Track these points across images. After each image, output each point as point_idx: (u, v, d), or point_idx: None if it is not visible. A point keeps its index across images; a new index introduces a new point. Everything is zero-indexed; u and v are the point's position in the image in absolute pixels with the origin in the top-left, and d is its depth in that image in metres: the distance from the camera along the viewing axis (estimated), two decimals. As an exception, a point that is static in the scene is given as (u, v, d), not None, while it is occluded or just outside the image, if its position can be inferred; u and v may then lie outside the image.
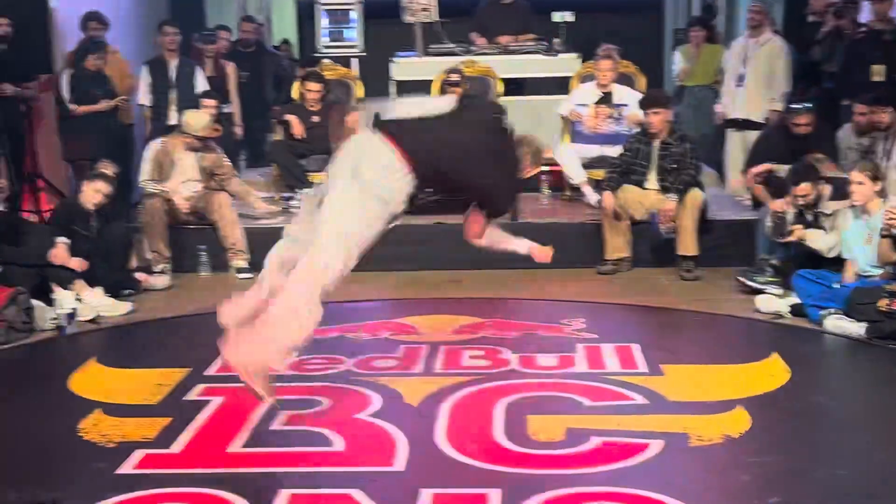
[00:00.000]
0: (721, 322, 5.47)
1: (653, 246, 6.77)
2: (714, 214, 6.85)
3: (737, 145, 8.26)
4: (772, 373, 4.49)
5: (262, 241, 6.87)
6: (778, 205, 5.95)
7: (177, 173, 6.86)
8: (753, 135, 8.10)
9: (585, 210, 7.35)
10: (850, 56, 8.18)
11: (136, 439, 3.81)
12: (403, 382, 4.41)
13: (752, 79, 8.05)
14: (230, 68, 8.88)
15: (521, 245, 4.60)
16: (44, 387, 4.55)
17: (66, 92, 7.70)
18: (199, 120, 6.97)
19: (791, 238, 5.74)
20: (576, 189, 7.67)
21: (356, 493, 3.29)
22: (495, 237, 4.44)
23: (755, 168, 6.42)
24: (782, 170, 6.01)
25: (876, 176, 5.44)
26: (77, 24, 8.19)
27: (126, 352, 5.17)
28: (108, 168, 6.32)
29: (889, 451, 3.63)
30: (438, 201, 3.96)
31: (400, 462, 3.55)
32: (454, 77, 7.81)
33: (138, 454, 3.65)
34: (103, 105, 7.79)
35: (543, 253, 4.62)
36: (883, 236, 5.14)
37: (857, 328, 5.05)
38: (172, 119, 7.95)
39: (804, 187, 5.78)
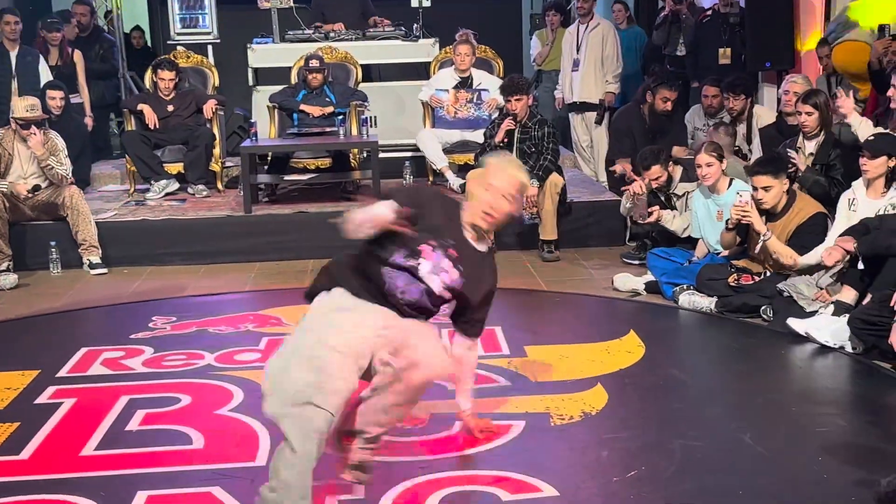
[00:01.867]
0: (581, 302, 5.58)
1: (515, 230, 6.86)
2: (572, 196, 6.97)
3: (579, 127, 8.51)
4: (628, 349, 4.61)
5: (113, 236, 6.70)
6: (636, 187, 6.09)
7: (15, 167, 6.54)
8: (591, 115, 8.37)
9: (449, 195, 7.35)
10: (698, 39, 8.48)
11: (-18, 447, 3.64)
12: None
13: (586, 63, 8.29)
14: (77, 56, 8.52)
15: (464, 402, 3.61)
16: None
17: None
18: (21, 103, 6.65)
19: (651, 219, 5.90)
20: (439, 174, 7.69)
21: (216, 491, 3.22)
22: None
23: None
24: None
25: (721, 156, 5.63)
26: None
27: (-31, 356, 4.91)
28: None
29: (740, 420, 3.77)
30: None
31: (262, 456, 3.48)
32: (314, 63, 7.71)
33: (-17, 463, 3.49)
34: None
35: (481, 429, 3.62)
36: (729, 229, 5.32)
37: (709, 303, 5.23)
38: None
39: (655, 170, 5.94)
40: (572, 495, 3.17)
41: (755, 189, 5.15)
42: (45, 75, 7.93)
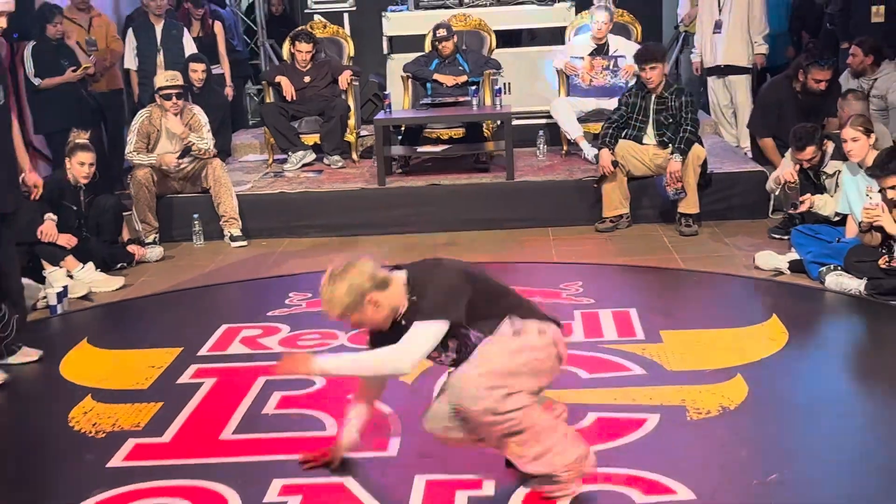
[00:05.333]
0: (720, 282, 5.38)
1: (655, 203, 6.68)
2: (712, 167, 6.72)
3: (720, 92, 8.14)
4: (771, 336, 4.42)
5: (252, 208, 6.85)
6: (787, 174, 5.79)
7: (163, 143, 6.72)
8: (736, 79, 7.99)
9: (583, 165, 7.25)
10: (850, -3, 8.05)
11: (127, 427, 3.77)
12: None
13: (731, 25, 7.89)
14: (218, 27, 8.70)
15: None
16: (34, 371, 4.48)
17: (29, 66, 7.43)
18: (162, 76, 6.84)
19: (803, 208, 5.64)
20: (573, 144, 7.55)
21: (349, 482, 3.25)
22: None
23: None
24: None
25: (869, 130, 5.32)
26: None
27: (118, 331, 5.11)
28: (82, 136, 6.19)
29: (893, 422, 3.55)
30: None
31: (393, 446, 3.50)
32: (441, 32, 7.64)
33: (129, 444, 3.61)
34: (69, 76, 7.45)
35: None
36: (863, 231, 5.03)
37: (858, 285, 4.96)
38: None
39: (809, 151, 5.65)
40: (709, 498, 3.06)
41: (882, 190, 4.87)
42: (190, 48, 8.11)
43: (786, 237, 5.93)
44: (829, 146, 5.73)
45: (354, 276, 2.98)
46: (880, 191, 4.97)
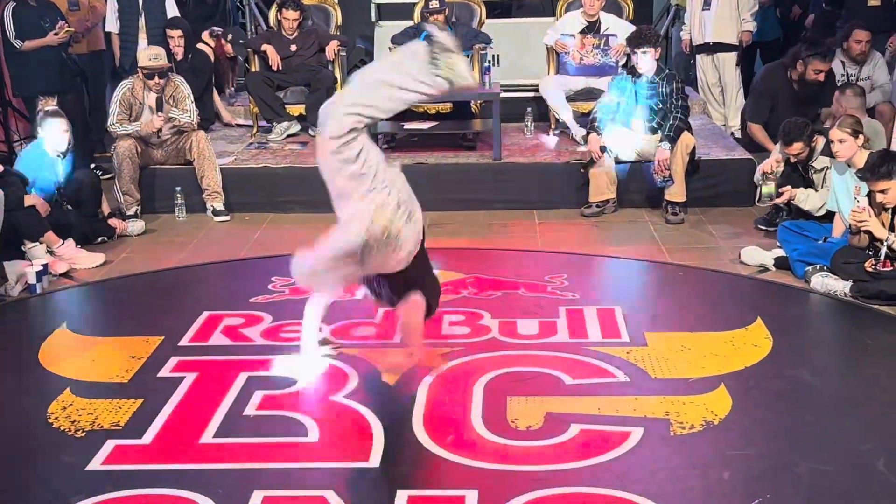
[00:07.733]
0: (705, 279, 5.34)
1: (639, 187, 6.64)
2: (701, 152, 6.67)
3: (708, 70, 8.08)
4: (755, 342, 4.41)
5: (235, 182, 6.76)
6: (768, 166, 5.78)
7: (145, 116, 6.59)
8: (723, 56, 7.94)
9: (570, 145, 7.19)
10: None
11: (107, 426, 3.73)
12: (382, 356, 4.29)
13: (721, 1, 7.81)
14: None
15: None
16: (13, 359, 4.44)
17: (9, 27, 7.24)
18: (145, 53, 6.70)
19: (780, 200, 5.63)
20: (561, 122, 7.48)
21: (329, 495, 3.22)
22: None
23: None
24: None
25: (857, 131, 5.27)
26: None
27: (98, 315, 5.05)
28: (50, 103, 6.06)
29: (874, 440, 3.53)
30: None
31: (375, 456, 3.46)
32: (434, 4, 7.51)
33: (108, 446, 3.57)
34: (51, 38, 7.25)
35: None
36: (853, 233, 5.02)
37: (843, 287, 4.95)
38: (143, 44, 7.62)
39: (797, 146, 5.62)
40: (690, 523, 3.07)
41: (871, 193, 4.85)
42: (172, 11, 7.94)
43: (771, 229, 5.92)
44: (820, 141, 5.70)
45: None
46: (868, 194, 4.95)
